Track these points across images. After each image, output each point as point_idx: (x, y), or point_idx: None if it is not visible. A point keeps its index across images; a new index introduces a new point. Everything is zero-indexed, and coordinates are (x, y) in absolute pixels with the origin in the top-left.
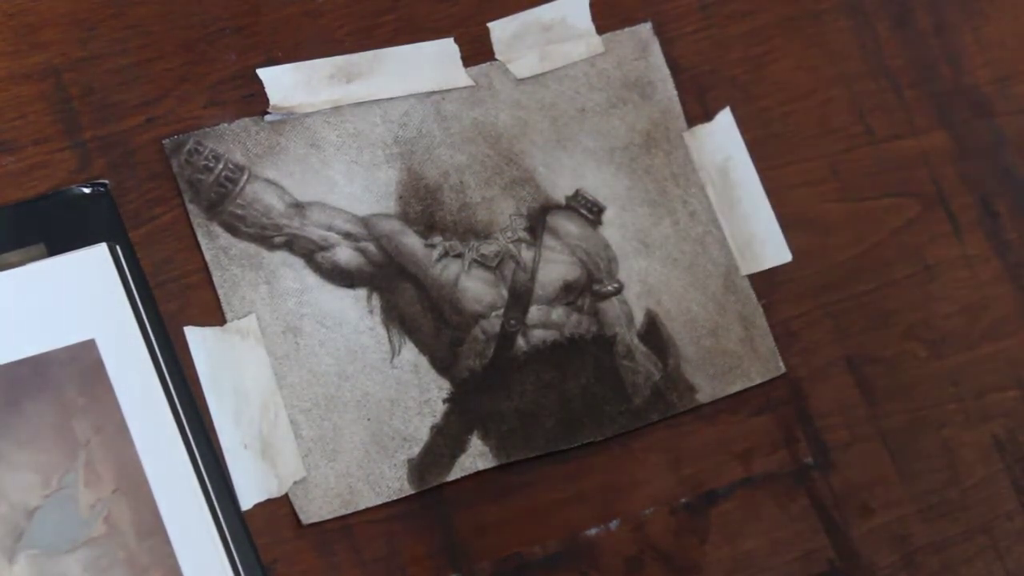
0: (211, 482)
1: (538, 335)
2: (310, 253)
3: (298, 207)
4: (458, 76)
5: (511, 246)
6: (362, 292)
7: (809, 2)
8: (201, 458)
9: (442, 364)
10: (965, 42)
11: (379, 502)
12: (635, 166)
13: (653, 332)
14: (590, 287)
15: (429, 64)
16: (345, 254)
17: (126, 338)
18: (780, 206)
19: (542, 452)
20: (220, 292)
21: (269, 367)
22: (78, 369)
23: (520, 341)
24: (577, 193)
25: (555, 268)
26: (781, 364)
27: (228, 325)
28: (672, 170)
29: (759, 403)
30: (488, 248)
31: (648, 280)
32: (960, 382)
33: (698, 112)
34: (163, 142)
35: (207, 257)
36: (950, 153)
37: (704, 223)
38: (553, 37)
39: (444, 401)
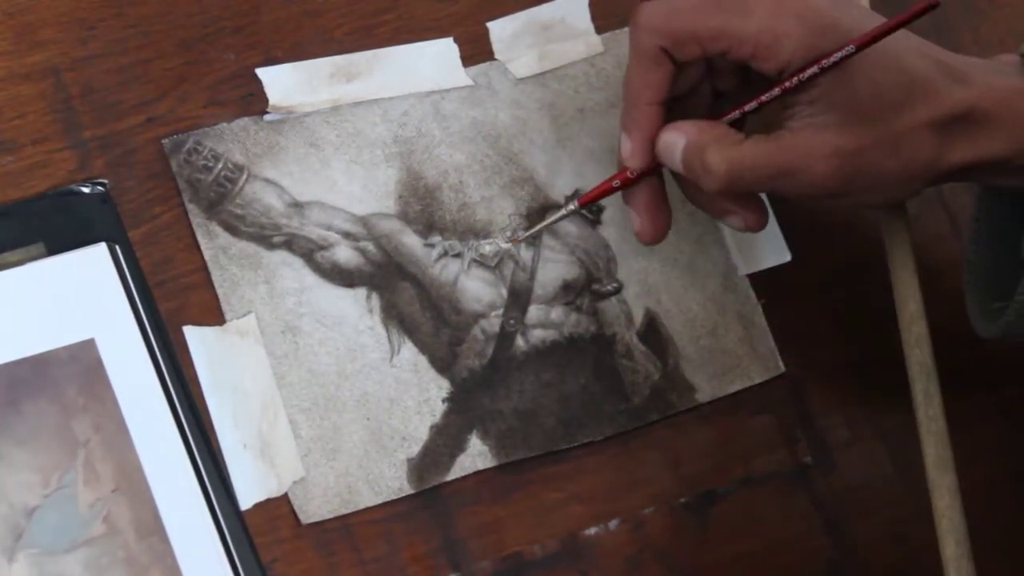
0: (210, 481)
1: (537, 335)
2: (309, 252)
3: (297, 206)
4: (457, 76)
5: (510, 245)
6: (361, 291)
7: None
8: (200, 457)
9: (441, 364)
10: (965, 42)
11: (379, 502)
12: None
13: (652, 332)
14: (589, 287)
15: (428, 63)
16: (344, 253)
17: (126, 338)
18: (779, 205)
19: (541, 452)
20: (219, 292)
21: (268, 367)
22: (77, 368)
23: (519, 341)
24: (576, 193)
25: (554, 268)
26: (781, 364)
27: (227, 325)
28: None
29: (759, 403)
30: (487, 247)
31: (647, 280)
32: (961, 381)
33: None
34: (162, 142)
35: (206, 257)
36: None
37: (703, 223)
38: (552, 37)
39: (443, 401)
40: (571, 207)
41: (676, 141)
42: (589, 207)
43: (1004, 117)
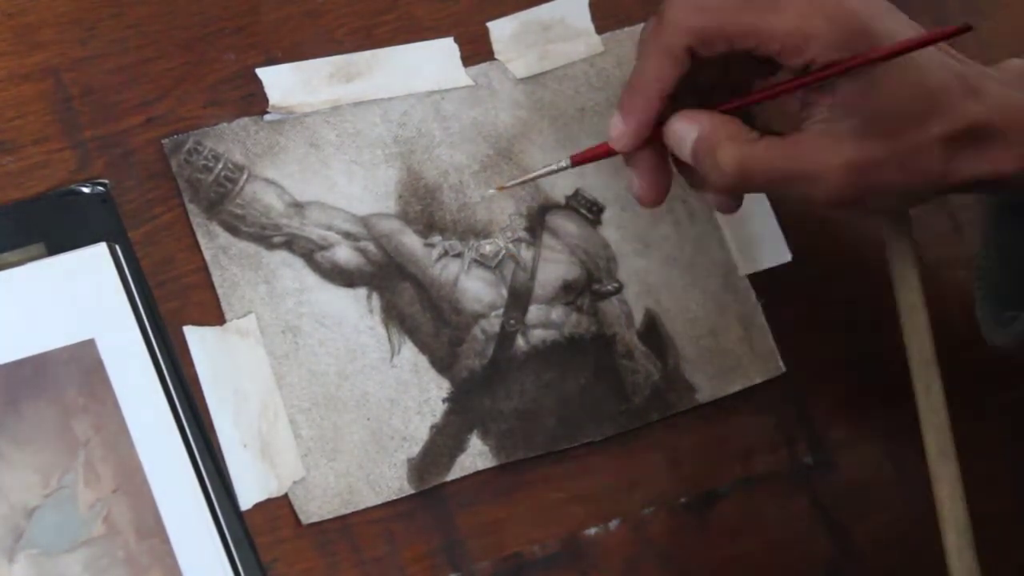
0: (210, 482)
1: (538, 335)
2: (309, 253)
3: (297, 207)
4: (458, 76)
5: (511, 246)
6: (361, 291)
7: None
8: (200, 458)
9: (442, 364)
10: (965, 42)
11: (379, 502)
12: None
13: (652, 331)
14: (589, 287)
15: (429, 64)
16: (344, 254)
17: (126, 338)
18: (780, 205)
19: (542, 452)
20: (220, 292)
21: (268, 367)
22: (78, 369)
23: (520, 341)
24: (576, 192)
25: (554, 268)
26: (781, 364)
27: (228, 325)
28: None
29: (759, 403)
30: (488, 248)
31: (647, 280)
32: (960, 381)
33: None
34: (162, 142)
35: (206, 257)
36: None
37: (703, 223)
38: (552, 37)
39: (444, 401)
40: (563, 164)
41: (688, 132)
42: (589, 207)
43: (1015, 134)
